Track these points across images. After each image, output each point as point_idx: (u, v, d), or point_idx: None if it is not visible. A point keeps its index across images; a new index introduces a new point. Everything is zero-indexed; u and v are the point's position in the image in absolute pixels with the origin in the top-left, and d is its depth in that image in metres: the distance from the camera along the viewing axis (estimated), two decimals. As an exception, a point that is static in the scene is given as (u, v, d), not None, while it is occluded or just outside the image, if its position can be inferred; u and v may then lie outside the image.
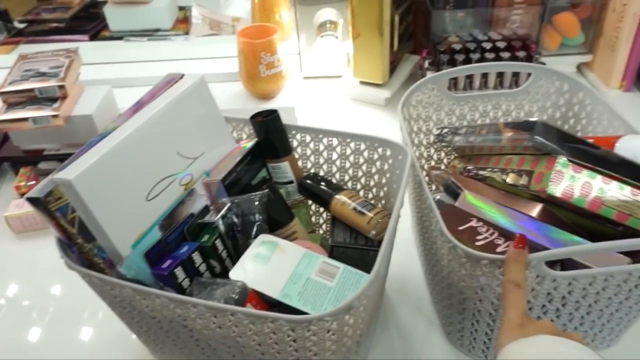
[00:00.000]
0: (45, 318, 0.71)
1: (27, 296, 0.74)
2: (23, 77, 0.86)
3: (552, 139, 0.52)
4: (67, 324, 0.70)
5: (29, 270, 0.78)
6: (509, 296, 0.45)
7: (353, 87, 1.06)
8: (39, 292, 0.74)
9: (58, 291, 0.74)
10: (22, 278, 0.77)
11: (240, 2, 1.60)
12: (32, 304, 0.73)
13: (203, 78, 0.61)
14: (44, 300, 0.73)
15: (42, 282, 0.76)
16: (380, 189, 0.66)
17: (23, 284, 0.76)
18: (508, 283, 0.45)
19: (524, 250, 0.45)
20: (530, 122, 0.54)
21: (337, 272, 0.55)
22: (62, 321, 0.70)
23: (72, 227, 0.50)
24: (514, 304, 0.44)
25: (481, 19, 1.06)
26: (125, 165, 0.52)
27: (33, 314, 0.71)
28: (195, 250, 0.55)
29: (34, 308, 0.72)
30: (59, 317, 0.71)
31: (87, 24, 1.29)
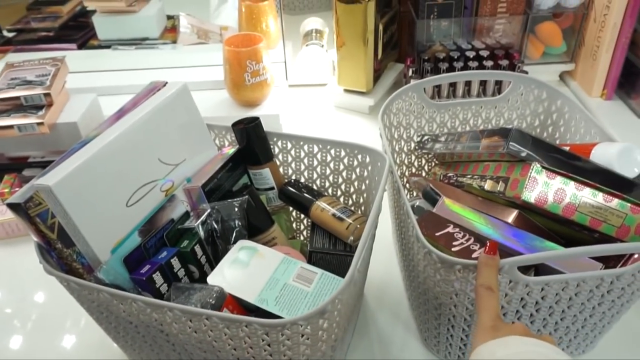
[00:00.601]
0: (27, 325, 0.70)
1: (8, 303, 0.74)
2: (9, 85, 0.86)
3: (527, 145, 0.53)
4: (49, 332, 0.69)
5: (10, 277, 0.78)
6: (482, 300, 0.45)
7: (337, 94, 1.07)
8: (21, 299, 0.74)
9: (41, 298, 0.74)
10: (3, 285, 0.77)
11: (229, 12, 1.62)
12: (14, 312, 0.72)
13: (186, 85, 0.62)
14: (26, 307, 0.73)
15: (24, 289, 0.76)
16: (360, 196, 0.67)
17: (4, 291, 0.76)
18: (480, 287, 0.46)
19: (496, 256, 0.46)
20: (506, 129, 0.55)
21: (315, 277, 0.55)
22: (44, 328, 0.70)
23: (52, 233, 0.50)
24: (486, 307, 0.45)
25: (465, 28, 1.08)
26: (106, 171, 0.52)
27: (15, 322, 0.71)
28: (174, 256, 0.55)
29: (15, 315, 0.72)
30: (41, 325, 0.71)
31: (76, 32, 1.30)
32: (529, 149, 0.53)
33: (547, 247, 0.53)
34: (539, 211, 0.53)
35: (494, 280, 0.46)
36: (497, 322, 0.44)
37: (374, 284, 0.72)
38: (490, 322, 0.44)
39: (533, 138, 0.53)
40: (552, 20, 1.08)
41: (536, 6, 1.05)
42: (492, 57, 1.04)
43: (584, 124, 0.68)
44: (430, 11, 1.05)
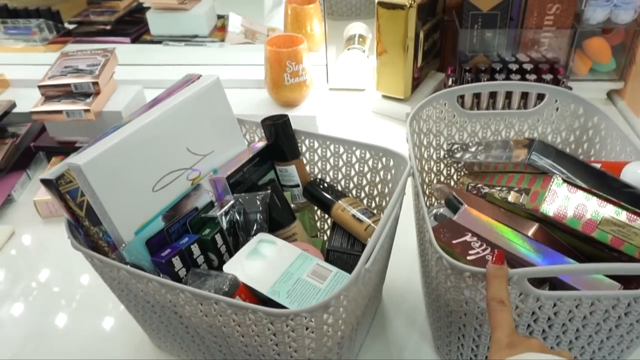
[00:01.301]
0: (72, 305, 0.73)
1: (57, 282, 0.77)
2: (62, 72, 0.92)
3: (550, 158, 0.52)
4: (91, 313, 0.72)
5: (59, 255, 0.82)
6: (495, 315, 0.44)
7: (376, 100, 1.08)
8: (69, 280, 0.78)
9: (86, 280, 0.77)
10: (53, 263, 0.81)
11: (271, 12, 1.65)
12: (61, 291, 0.76)
13: (218, 79, 0.64)
14: (72, 287, 0.76)
15: (71, 270, 0.79)
16: (383, 199, 0.67)
17: (55, 270, 0.80)
18: (492, 301, 0.45)
19: (504, 266, 0.45)
20: (530, 140, 0.54)
21: (330, 275, 0.56)
22: (87, 309, 0.73)
23: (80, 210, 0.53)
24: (500, 323, 0.44)
25: (510, 40, 1.06)
26: (135, 156, 0.55)
27: (62, 301, 0.74)
28: (195, 242, 0.57)
29: (62, 294, 0.75)
30: (85, 305, 0.73)
31: (131, 27, 1.36)
32: (552, 161, 0.52)
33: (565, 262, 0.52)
34: (558, 225, 0.52)
35: (504, 292, 0.45)
36: (512, 337, 0.42)
37: (395, 289, 0.72)
38: (505, 338, 0.42)
39: (557, 150, 0.52)
40: (602, 35, 1.05)
41: (585, 20, 1.02)
42: (535, 71, 1.02)
43: (620, 142, 0.66)
44: (474, 21, 1.04)
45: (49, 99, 0.90)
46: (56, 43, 1.30)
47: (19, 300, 0.74)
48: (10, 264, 0.80)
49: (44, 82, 0.89)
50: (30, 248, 0.83)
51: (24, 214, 0.89)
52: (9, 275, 0.78)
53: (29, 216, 0.88)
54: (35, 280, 0.77)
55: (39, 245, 0.84)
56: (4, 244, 0.83)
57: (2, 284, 0.77)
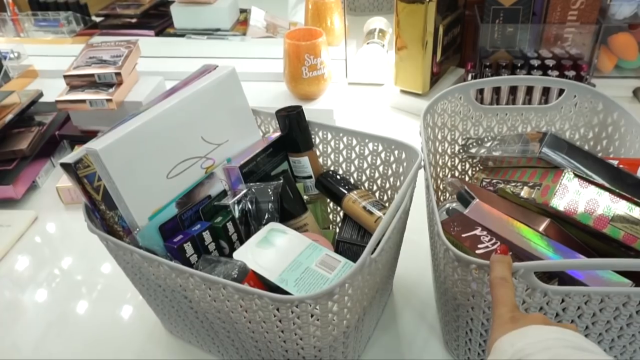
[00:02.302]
0: (93, 294, 0.75)
1: (79, 271, 0.79)
2: (87, 63, 0.94)
3: (562, 152, 0.51)
4: (111, 301, 0.73)
5: (82, 243, 0.84)
6: (497, 290, 0.44)
7: (394, 95, 1.07)
8: (90, 268, 0.79)
9: (107, 269, 0.79)
10: (76, 251, 0.83)
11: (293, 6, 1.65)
12: (84, 279, 0.77)
13: (234, 70, 0.65)
14: (94, 276, 0.78)
15: (93, 259, 0.81)
16: (395, 192, 0.67)
17: (77, 258, 0.82)
18: (495, 279, 0.45)
19: (507, 255, 0.45)
20: (543, 134, 0.53)
21: (338, 265, 0.57)
22: (107, 298, 0.74)
23: (97, 194, 0.55)
24: (502, 299, 0.43)
25: (532, 36, 1.05)
26: (150, 142, 0.56)
27: (83, 289, 0.76)
28: (206, 229, 0.58)
29: (84, 282, 0.77)
30: (105, 294, 0.75)
31: (156, 20, 1.39)
32: (564, 155, 0.51)
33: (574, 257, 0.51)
34: (569, 220, 0.51)
35: (507, 273, 0.45)
36: (514, 312, 0.42)
37: (406, 283, 0.72)
38: (507, 313, 0.42)
39: (569, 144, 0.52)
40: (628, 31, 1.02)
41: (610, 15, 1.00)
42: (558, 67, 1.00)
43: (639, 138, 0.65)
44: (495, 16, 1.03)
45: (74, 89, 0.93)
46: (83, 35, 1.34)
47: (41, 286, 0.76)
48: (34, 250, 0.83)
49: (69, 72, 0.92)
50: (53, 234, 0.86)
51: (47, 200, 0.92)
52: (32, 260, 0.81)
53: (52, 202, 0.91)
54: (57, 267, 0.80)
55: (61, 231, 0.87)
56: (28, 228, 0.86)
57: (26, 269, 0.79)
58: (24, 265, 0.80)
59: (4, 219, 0.86)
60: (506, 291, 0.44)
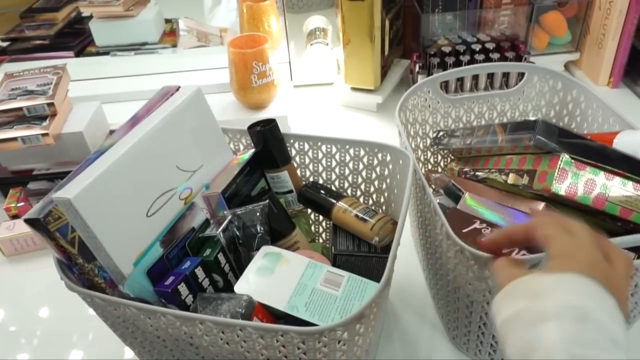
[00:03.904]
0: (33, 342, 0.69)
1: (13, 321, 0.72)
2: (10, 95, 0.85)
3: (554, 137, 0.52)
4: (55, 347, 0.68)
5: (14, 294, 0.76)
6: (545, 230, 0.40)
7: (344, 93, 1.06)
8: (26, 316, 0.73)
9: (45, 314, 0.73)
10: (7, 302, 0.75)
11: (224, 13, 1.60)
12: (19, 329, 0.71)
13: (199, 90, 0.60)
14: (31, 323, 0.71)
15: (28, 306, 0.74)
16: (381, 195, 0.66)
17: (9, 309, 0.74)
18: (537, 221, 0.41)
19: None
20: (531, 122, 0.54)
21: (343, 280, 0.54)
22: (50, 344, 0.69)
23: (72, 247, 0.49)
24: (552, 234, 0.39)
25: (470, 21, 1.07)
26: (125, 181, 0.51)
27: (21, 339, 0.69)
28: (198, 265, 0.54)
29: (21, 332, 0.70)
30: (47, 340, 0.69)
31: (73, 39, 1.28)
32: (556, 140, 0.52)
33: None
34: (568, 203, 0.52)
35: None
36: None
37: (396, 284, 0.71)
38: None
39: (560, 129, 0.52)
40: (557, 9, 1.07)
41: (540, -4, 1.04)
42: (498, 50, 1.03)
43: (601, 112, 0.67)
44: (435, 5, 1.04)
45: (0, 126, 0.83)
46: (-9, 63, 1.20)
47: (-2, 350, 0.68)
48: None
49: (-7, 108, 0.82)
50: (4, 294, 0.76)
51: (-15, 254, 0.81)
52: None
53: (-9, 255, 0.81)
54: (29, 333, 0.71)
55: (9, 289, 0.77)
56: (-31, 291, 0.76)
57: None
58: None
59: (-62, 284, 0.75)
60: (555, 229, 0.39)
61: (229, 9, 1.63)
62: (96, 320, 0.68)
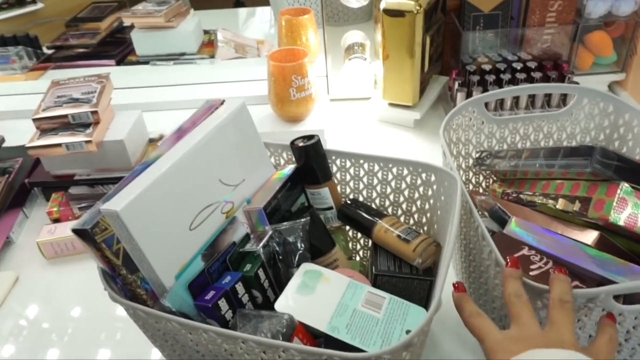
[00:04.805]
0: (64, 339, 0.70)
1: (48, 318, 0.74)
2: (56, 103, 0.86)
3: (612, 164, 0.50)
4: (84, 345, 0.69)
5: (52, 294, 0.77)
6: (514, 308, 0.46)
7: (382, 108, 1.05)
8: (60, 315, 0.74)
9: (77, 314, 0.74)
10: (45, 301, 0.76)
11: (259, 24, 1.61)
12: (53, 326, 0.72)
13: (244, 104, 0.60)
14: (64, 322, 0.73)
15: (63, 305, 0.75)
16: (423, 215, 0.64)
17: (46, 308, 0.76)
18: (510, 296, 0.46)
19: (519, 270, 0.47)
20: (588, 147, 0.52)
21: (384, 302, 0.53)
22: (79, 342, 0.70)
23: (117, 259, 0.49)
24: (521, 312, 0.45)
25: (511, 39, 1.05)
26: (170, 194, 0.51)
27: (53, 336, 0.71)
28: (239, 281, 0.53)
29: (54, 330, 0.72)
30: (78, 339, 0.70)
31: (114, 48, 1.30)
32: (614, 168, 0.50)
33: (632, 270, 0.50)
34: (626, 234, 0.50)
35: (521, 289, 0.46)
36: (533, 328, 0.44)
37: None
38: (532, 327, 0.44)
39: (618, 156, 0.50)
40: (603, 29, 1.05)
41: (586, 15, 1.02)
42: (540, 69, 1.01)
43: (656, 138, 0.65)
44: (476, 22, 1.03)
45: (45, 132, 0.84)
46: (37, 70, 1.24)
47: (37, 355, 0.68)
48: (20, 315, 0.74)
49: (39, 114, 0.83)
50: (39, 294, 0.77)
51: (25, 257, 0.83)
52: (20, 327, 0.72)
53: (32, 258, 0.82)
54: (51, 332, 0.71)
55: (48, 290, 0.78)
56: (9, 292, 0.77)
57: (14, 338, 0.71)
58: (15, 334, 0.71)
59: (-21, 285, 0.77)
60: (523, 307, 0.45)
61: (264, 21, 1.65)
62: (123, 321, 0.71)
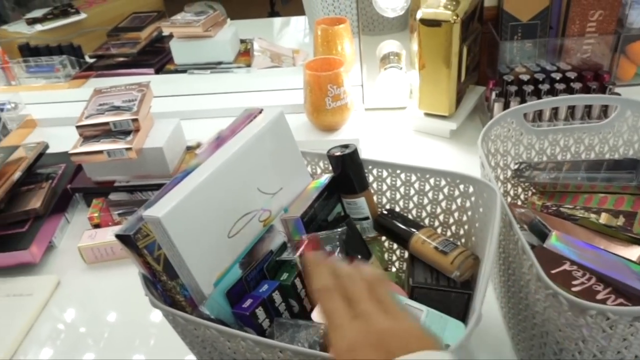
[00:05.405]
0: (100, 344, 0.72)
1: (85, 322, 0.75)
2: (98, 110, 0.89)
3: (659, 178, 0.49)
4: (119, 350, 0.71)
5: (90, 298, 0.79)
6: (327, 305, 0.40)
7: (417, 118, 1.04)
8: (96, 319, 0.76)
9: (113, 318, 0.76)
10: (83, 305, 0.78)
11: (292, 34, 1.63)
12: (89, 330, 0.74)
13: (282, 113, 0.61)
14: (100, 326, 0.74)
15: (100, 310, 0.77)
16: (461, 227, 0.63)
17: (83, 311, 0.78)
18: (318, 292, 0.41)
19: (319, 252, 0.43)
20: (633, 160, 0.51)
21: (422, 315, 0.52)
22: (115, 347, 0.71)
23: (158, 265, 0.49)
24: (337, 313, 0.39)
25: (550, 49, 1.03)
26: (210, 202, 0.52)
27: (89, 340, 0.72)
28: (276, 290, 0.53)
29: (90, 334, 0.73)
30: (113, 344, 0.72)
31: (153, 57, 1.34)
32: (663, 183, 0.48)
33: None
34: (675, 251, 0.48)
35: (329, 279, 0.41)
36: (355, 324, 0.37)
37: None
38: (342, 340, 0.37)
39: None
40: (646, 39, 1.02)
41: (628, 25, 0.99)
42: (580, 79, 0.99)
43: None
44: (514, 32, 1.01)
45: (87, 139, 0.87)
46: (79, 78, 1.28)
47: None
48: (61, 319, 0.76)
49: (82, 122, 0.86)
50: (79, 298, 0.79)
51: (66, 261, 0.85)
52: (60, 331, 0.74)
53: (72, 263, 0.84)
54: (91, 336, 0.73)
55: (88, 294, 0.80)
56: (51, 295, 0.79)
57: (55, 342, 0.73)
58: (53, 337, 0.73)
59: (23, 287, 0.79)
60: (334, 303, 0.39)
61: (298, 30, 1.67)
62: (157, 327, 0.73)
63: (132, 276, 0.52)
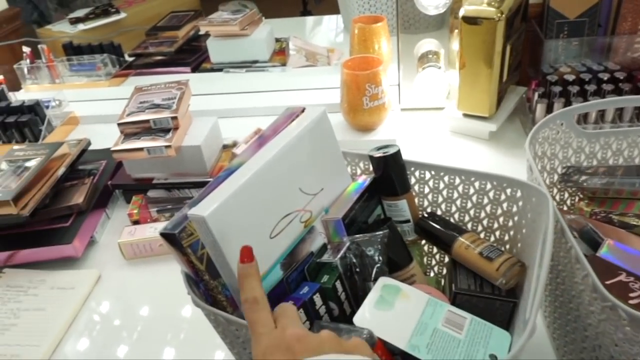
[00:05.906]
0: (133, 336, 0.73)
1: (120, 315, 0.77)
2: (139, 108, 0.90)
3: None
4: (150, 343, 0.72)
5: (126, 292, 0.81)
6: (252, 316, 0.42)
7: (455, 119, 1.02)
8: (131, 313, 0.77)
9: (146, 313, 0.77)
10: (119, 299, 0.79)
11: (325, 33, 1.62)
12: (124, 323, 0.75)
13: (325, 112, 0.60)
14: (134, 320, 0.75)
15: (134, 304, 0.78)
16: (506, 233, 0.61)
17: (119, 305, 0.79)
18: (246, 303, 0.42)
19: (252, 262, 0.44)
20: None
21: (465, 323, 0.51)
22: (148, 341, 0.72)
23: (201, 264, 0.49)
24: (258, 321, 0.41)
25: (597, 48, 1.00)
26: (253, 201, 0.51)
27: (123, 333, 0.74)
28: (317, 292, 0.53)
29: (124, 327, 0.75)
30: (146, 337, 0.73)
31: (190, 56, 1.35)
32: None
33: None
34: None
35: (259, 291, 0.43)
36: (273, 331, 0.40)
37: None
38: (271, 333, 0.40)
39: None
40: (703, 38, 0.97)
41: (683, 23, 0.95)
42: (629, 80, 0.95)
43: None
44: (560, 30, 0.98)
45: (128, 136, 0.88)
46: (119, 77, 1.30)
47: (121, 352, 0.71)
48: (103, 312, 0.77)
49: (123, 119, 0.87)
50: (119, 293, 0.80)
51: (107, 256, 0.86)
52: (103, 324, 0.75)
53: (113, 258, 0.86)
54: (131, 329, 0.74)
55: (128, 288, 0.81)
56: (92, 289, 0.80)
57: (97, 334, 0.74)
58: (95, 330, 0.74)
59: (66, 280, 0.81)
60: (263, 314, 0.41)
61: (331, 29, 1.66)
62: (188, 322, 0.73)
63: (167, 273, 0.52)
